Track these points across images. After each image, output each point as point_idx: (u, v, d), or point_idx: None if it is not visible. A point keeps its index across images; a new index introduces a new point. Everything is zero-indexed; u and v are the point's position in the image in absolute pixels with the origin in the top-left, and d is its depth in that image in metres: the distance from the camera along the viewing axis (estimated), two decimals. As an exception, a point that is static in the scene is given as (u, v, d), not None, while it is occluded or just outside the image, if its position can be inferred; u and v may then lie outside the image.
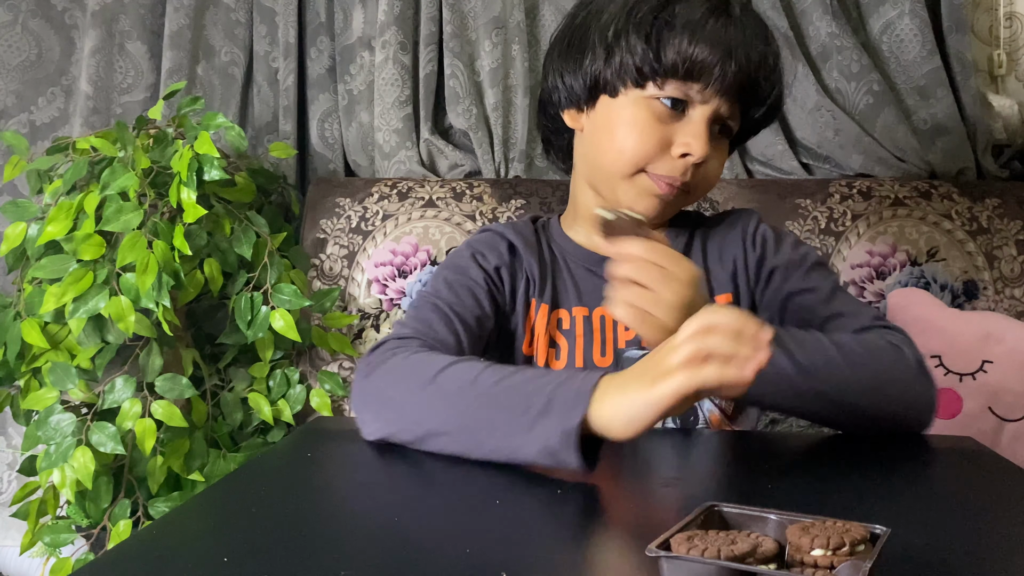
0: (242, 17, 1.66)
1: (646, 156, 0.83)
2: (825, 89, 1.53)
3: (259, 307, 1.37)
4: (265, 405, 1.38)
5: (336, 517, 0.60)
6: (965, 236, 1.44)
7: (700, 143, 0.82)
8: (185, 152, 1.30)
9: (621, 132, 0.85)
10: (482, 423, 0.68)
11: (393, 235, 1.50)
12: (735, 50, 0.81)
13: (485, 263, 0.91)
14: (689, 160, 0.83)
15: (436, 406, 0.71)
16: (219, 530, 0.58)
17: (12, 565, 1.48)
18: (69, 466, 1.22)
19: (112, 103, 1.61)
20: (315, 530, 0.57)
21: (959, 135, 1.51)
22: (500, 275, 0.91)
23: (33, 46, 1.62)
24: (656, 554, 0.42)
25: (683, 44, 0.81)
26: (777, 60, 0.86)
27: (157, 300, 1.24)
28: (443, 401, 0.71)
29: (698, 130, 0.82)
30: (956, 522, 0.57)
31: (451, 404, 0.71)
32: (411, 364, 0.76)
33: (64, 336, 1.30)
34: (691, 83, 0.82)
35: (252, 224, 1.41)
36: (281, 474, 0.72)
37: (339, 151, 1.67)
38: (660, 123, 0.83)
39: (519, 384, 0.68)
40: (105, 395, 1.27)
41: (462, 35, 1.60)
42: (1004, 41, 1.58)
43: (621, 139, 0.84)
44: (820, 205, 1.47)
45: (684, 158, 0.83)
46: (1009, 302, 1.42)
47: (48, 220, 1.27)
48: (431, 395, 0.72)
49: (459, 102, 1.59)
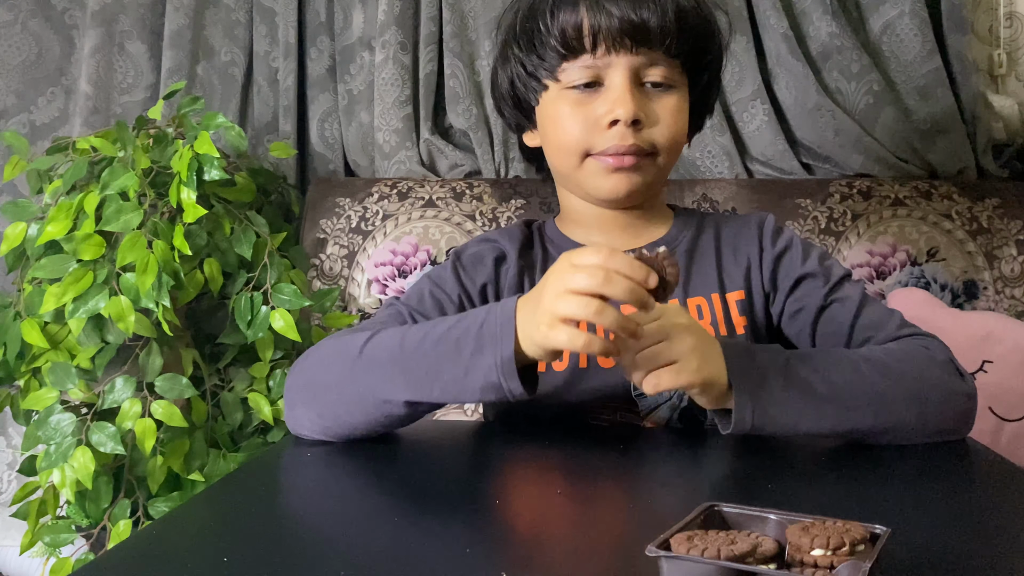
0: (242, 17, 1.66)
1: (580, 140, 0.84)
2: (825, 89, 1.53)
3: (259, 307, 1.37)
4: (265, 405, 1.38)
5: (335, 517, 0.60)
6: (965, 236, 1.44)
7: (621, 103, 0.81)
8: (185, 152, 1.30)
9: (552, 130, 0.87)
10: (422, 380, 0.72)
11: (393, 235, 1.50)
12: (606, 4, 0.81)
13: (467, 280, 0.90)
14: (620, 124, 0.82)
15: (372, 377, 0.74)
16: (218, 530, 0.58)
17: (12, 565, 1.48)
18: (69, 466, 1.22)
19: (112, 103, 1.61)
20: (314, 530, 0.56)
21: (959, 135, 1.51)
22: (484, 293, 0.91)
23: (33, 46, 1.62)
24: (656, 554, 0.42)
25: (555, 23, 0.83)
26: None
27: (157, 300, 1.24)
28: (378, 370, 0.74)
29: (615, 94, 0.82)
30: (956, 522, 0.57)
31: (385, 371, 0.73)
32: (331, 347, 0.79)
33: (64, 336, 1.30)
34: (583, 55, 0.83)
35: (252, 224, 1.41)
36: (280, 474, 0.72)
37: (339, 151, 1.67)
38: (581, 105, 0.84)
39: (445, 332, 0.72)
40: (105, 395, 1.27)
41: (462, 35, 1.60)
42: (1004, 41, 1.58)
43: (554, 136, 0.87)
44: (820, 205, 1.47)
45: (614, 125, 0.82)
46: (1009, 302, 1.42)
47: (48, 220, 1.27)
48: (363, 368, 0.74)
49: (459, 102, 1.59)
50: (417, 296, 0.89)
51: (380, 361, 0.74)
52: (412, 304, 0.88)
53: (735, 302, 0.88)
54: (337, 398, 0.76)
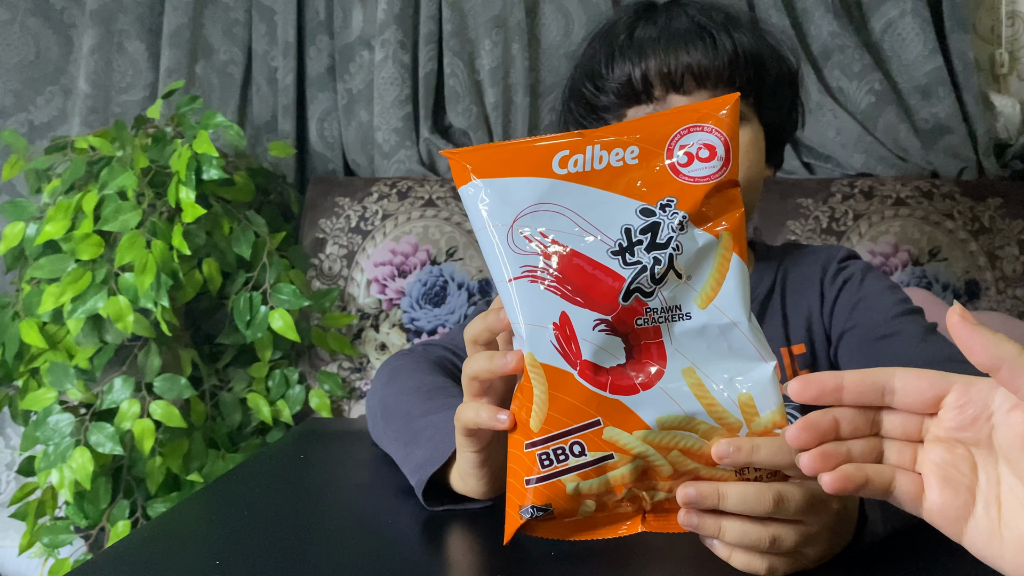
0: (241, 16, 1.66)
1: None
2: (827, 88, 1.53)
3: (258, 307, 1.36)
4: (264, 406, 1.38)
5: (330, 518, 0.59)
6: (967, 236, 1.43)
7: None
8: (184, 151, 1.29)
9: None
10: (389, 439, 0.72)
11: (393, 235, 1.50)
12: (656, 51, 0.80)
13: None
14: None
15: (374, 412, 0.77)
16: (212, 531, 0.57)
17: (11, 566, 1.48)
18: (68, 466, 1.22)
19: (111, 102, 1.61)
20: (308, 531, 0.56)
21: (961, 134, 1.50)
22: None
23: (31, 45, 1.62)
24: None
25: (611, 80, 0.82)
26: (728, 30, 0.81)
27: (156, 300, 1.23)
28: (379, 415, 0.76)
29: None
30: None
31: (375, 422, 0.76)
32: (384, 370, 0.80)
33: (62, 336, 1.29)
34: (643, 106, 0.81)
35: (251, 224, 1.40)
36: (274, 475, 0.72)
37: (338, 150, 1.67)
38: None
39: (409, 415, 0.70)
40: (104, 395, 1.27)
41: (462, 34, 1.60)
42: (1006, 40, 1.58)
43: None
44: (822, 205, 1.46)
45: None
46: (1011, 302, 1.41)
47: (46, 220, 1.26)
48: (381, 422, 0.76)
49: (459, 101, 1.59)
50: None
51: (376, 419, 0.76)
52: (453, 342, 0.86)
53: (797, 356, 0.83)
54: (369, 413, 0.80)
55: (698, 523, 0.48)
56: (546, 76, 1.62)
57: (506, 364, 0.49)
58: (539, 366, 0.48)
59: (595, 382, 0.47)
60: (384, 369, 0.80)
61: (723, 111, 0.49)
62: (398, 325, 1.47)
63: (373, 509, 0.62)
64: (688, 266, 0.48)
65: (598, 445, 0.47)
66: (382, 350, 1.48)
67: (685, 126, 0.49)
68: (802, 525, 0.47)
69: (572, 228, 0.48)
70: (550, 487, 0.47)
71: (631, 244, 0.48)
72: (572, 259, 0.48)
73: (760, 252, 0.90)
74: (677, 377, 0.47)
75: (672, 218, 0.48)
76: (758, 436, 0.47)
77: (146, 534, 0.57)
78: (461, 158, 0.50)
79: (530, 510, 0.48)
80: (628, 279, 0.47)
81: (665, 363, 0.48)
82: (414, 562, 0.51)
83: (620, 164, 0.49)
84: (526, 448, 0.48)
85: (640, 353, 0.48)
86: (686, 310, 0.48)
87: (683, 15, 0.83)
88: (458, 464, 0.59)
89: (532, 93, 1.60)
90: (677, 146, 0.49)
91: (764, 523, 0.47)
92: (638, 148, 0.49)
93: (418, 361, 0.80)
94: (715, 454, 0.46)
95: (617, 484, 0.48)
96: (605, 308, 0.47)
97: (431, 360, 0.81)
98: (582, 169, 0.49)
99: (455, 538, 0.55)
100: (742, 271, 0.48)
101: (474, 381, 0.52)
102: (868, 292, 0.82)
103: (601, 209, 0.48)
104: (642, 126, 0.49)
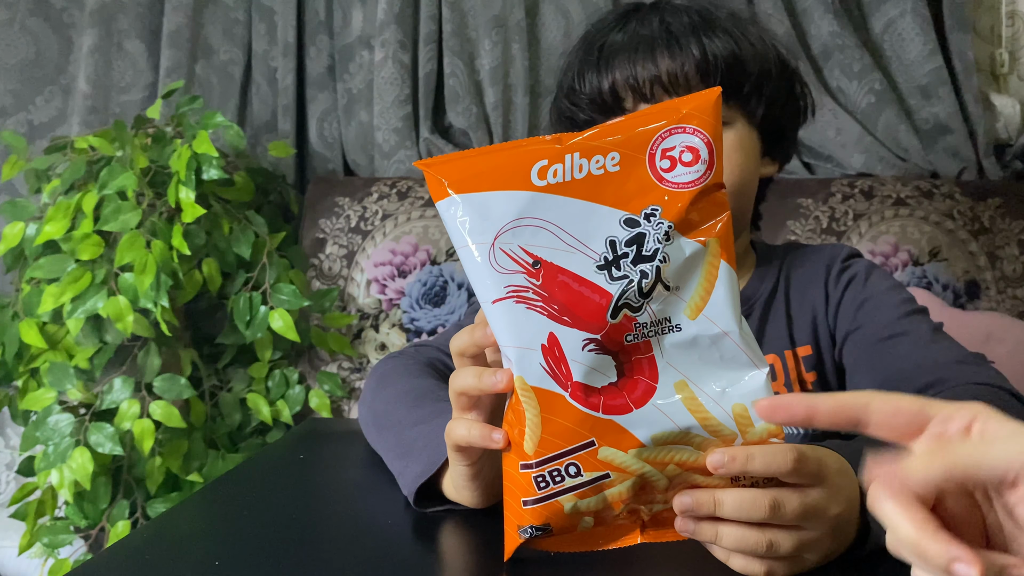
0: (241, 16, 1.66)
1: None
2: (827, 88, 1.53)
3: (258, 307, 1.36)
4: (264, 406, 1.38)
5: (330, 518, 0.59)
6: (967, 236, 1.43)
7: None
8: (183, 151, 1.29)
9: None
10: (384, 450, 0.70)
11: (393, 235, 1.50)
12: (624, 59, 0.77)
13: None
14: None
15: (366, 420, 0.76)
16: (212, 531, 0.57)
17: (10, 566, 1.48)
18: (67, 467, 1.21)
19: (110, 102, 1.61)
20: (308, 531, 0.56)
21: (961, 134, 1.50)
22: None
23: (31, 45, 1.62)
24: None
25: (584, 92, 0.80)
26: (698, 33, 0.78)
27: (155, 300, 1.23)
28: (371, 422, 0.75)
29: None
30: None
31: (367, 430, 0.76)
32: (373, 376, 0.80)
33: (62, 336, 1.29)
34: (617, 115, 0.77)
35: (251, 224, 1.40)
36: (274, 476, 0.72)
37: (338, 150, 1.66)
38: None
39: (400, 427, 0.69)
40: (103, 395, 1.27)
41: (462, 34, 1.60)
42: (1006, 40, 1.58)
43: None
44: (822, 205, 1.46)
45: None
46: (1011, 302, 1.41)
47: (46, 220, 1.26)
48: (367, 410, 0.76)
49: (459, 101, 1.59)
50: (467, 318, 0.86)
51: (369, 421, 0.76)
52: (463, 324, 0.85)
53: (803, 358, 0.81)
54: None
55: (695, 529, 0.48)
56: (546, 76, 1.62)
57: (496, 384, 0.49)
58: (530, 389, 0.47)
59: (587, 403, 0.47)
60: (373, 375, 0.79)
61: (704, 109, 0.47)
62: (398, 325, 1.47)
63: (373, 509, 0.62)
64: (676, 277, 0.47)
65: (594, 465, 0.47)
66: (382, 350, 1.48)
67: (667, 127, 0.47)
68: (799, 530, 0.47)
69: (555, 243, 0.47)
70: (548, 507, 0.47)
71: (616, 257, 0.46)
72: (557, 276, 0.47)
73: (761, 252, 0.88)
74: (670, 392, 0.47)
75: (658, 229, 0.46)
76: (753, 445, 0.47)
77: (146, 534, 0.57)
78: (436, 171, 0.48)
79: (529, 530, 0.48)
80: (615, 295, 0.46)
81: (657, 378, 0.47)
82: (414, 562, 0.51)
83: (601, 172, 0.47)
84: (521, 469, 0.47)
85: (631, 370, 0.47)
86: (676, 322, 0.47)
87: (654, 20, 0.80)
88: (451, 476, 0.59)
89: (532, 93, 1.59)
90: (659, 150, 0.47)
91: (761, 528, 0.47)
92: (619, 154, 0.47)
93: (407, 364, 0.79)
94: (711, 464, 0.46)
95: (615, 501, 0.48)
96: (594, 327, 0.46)
97: (421, 362, 0.80)
98: (562, 180, 0.47)
99: (455, 538, 0.55)
100: (731, 278, 0.47)
101: (462, 396, 0.52)
102: (873, 291, 0.80)
103: (584, 221, 0.47)
104: (621, 127, 0.48)
